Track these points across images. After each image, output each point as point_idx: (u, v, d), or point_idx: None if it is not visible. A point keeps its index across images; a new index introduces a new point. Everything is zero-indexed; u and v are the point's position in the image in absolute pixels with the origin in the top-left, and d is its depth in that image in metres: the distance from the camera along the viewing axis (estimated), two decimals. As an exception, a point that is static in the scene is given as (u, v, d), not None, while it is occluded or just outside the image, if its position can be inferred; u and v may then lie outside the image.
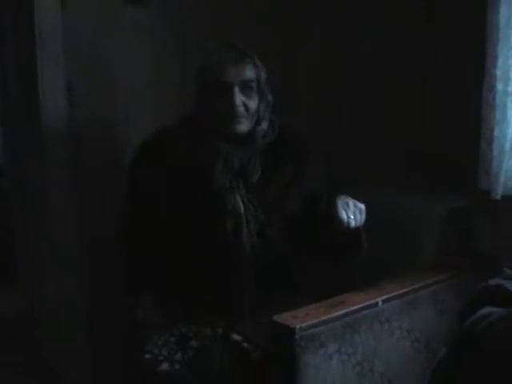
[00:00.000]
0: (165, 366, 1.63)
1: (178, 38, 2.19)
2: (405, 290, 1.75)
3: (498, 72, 1.85)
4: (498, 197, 1.91)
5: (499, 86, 1.86)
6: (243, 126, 1.74)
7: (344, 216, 1.63)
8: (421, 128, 2.23)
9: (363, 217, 1.66)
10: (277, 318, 1.56)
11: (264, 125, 1.78)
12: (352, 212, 1.64)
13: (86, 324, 2.11)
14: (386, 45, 2.28)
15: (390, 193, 2.11)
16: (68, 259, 2.07)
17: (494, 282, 1.28)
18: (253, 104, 1.74)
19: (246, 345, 1.70)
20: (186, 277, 1.76)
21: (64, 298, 2.09)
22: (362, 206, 1.66)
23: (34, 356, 2.31)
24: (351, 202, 1.66)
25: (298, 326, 1.50)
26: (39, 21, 1.95)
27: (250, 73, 1.73)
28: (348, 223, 1.64)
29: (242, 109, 1.72)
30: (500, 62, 1.85)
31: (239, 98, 1.71)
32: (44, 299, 2.24)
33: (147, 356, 1.65)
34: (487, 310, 1.18)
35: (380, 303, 1.67)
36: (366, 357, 1.66)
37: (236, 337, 1.71)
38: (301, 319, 1.54)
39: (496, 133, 1.89)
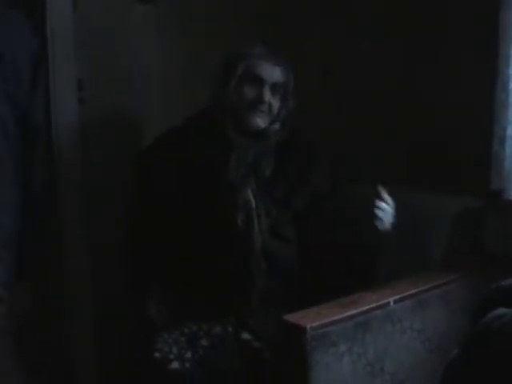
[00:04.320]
0: (175, 364, 1.64)
1: (187, 35, 2.20)
2: (416, 289, 1.74)
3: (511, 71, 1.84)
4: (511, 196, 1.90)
5: (513, 86, 1.85)
6: (261, 122, 1.78)
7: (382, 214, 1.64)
8: (429, 127, 2.22)
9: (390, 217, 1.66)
10: (288, 317, 1.56)
11: (278, 124, 1.83)
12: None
13: (92, 323, 2.11)
14: (386, 45, 2.28)
15: (401, 193, 2.10)
16: (76, 257, 2.07)
17: (506, 282, 1.28)
18: (276, 104, 1.80)
19: (256, 344, 1.70)
20: (195, 273, 1.77)
21: (71, 296, 2.09)
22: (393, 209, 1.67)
23: (41, 354, 2.31)
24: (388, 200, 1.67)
25: (308, 326, 1.50)
26: (51, 20, 1.96)
27: (281, 76, 1.80)
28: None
29: (266, 106, 1.77)
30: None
31: (268, 95, 1.77)
32: (51, 297, 2.24)
33: (157, 355, 1.66)
34: (500, 310, 1.18)
35: (392, 303, 1.67)
36: (377, 357, 1.65)
37: (246, 336, 1.71)
38: (312, 318, 1.53)
39: (509, 132, 1.88)
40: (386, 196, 1.65)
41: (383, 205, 1.64)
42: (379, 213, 1.63)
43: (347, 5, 2.38)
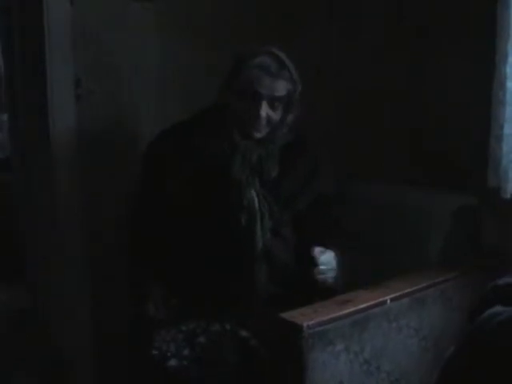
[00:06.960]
0: (173, 362, 1.64)
1: (186, 34, 2.19)
2: (413, 288, 1.74)
3: (509, 70, 1.84)
4: (508, 195, 1.90)
5: (510, 84, 1.85)
6: (259, 134, 1.76)
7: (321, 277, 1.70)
8: (427, 126, 2.22)
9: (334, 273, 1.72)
10: (284, 315, 1.56)
11: (284, 129, 1.80)
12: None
13: (91, 321, 2.11)
14: (387, 44, 2.28)
15: (398, 191, 2.11)
16: (74, 255, 2.07)
17: (503, 280, 1.28)
18: (276, 117, 1.76)
19: (253, 341, 1.70)
20: (196, 272, 1.76)
21: (70, 293, 2.09)
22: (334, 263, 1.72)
23: (40, 350, 2.32)
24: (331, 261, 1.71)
25: (305, 324, 1.50)
26: (48, 17, 1.96)
27: (282, 89, 1.73)
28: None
29: (264, 121, 1.73)
30: (511, 59, 1.84)
31: (265, 110, 1.72)
32: (50, 295, 2.25)
33: (155, 352, 1.66)
34: (497, 308, 1.19)
35: (388, 301, 1.67)
36: (374, 355, 1.66)
37: (244, 333, 1.71)
38: (309, 317, 1.54)
39: (506, 130, 1.88)
40: (323, 257, 1.68)
41: (321, 268, 1.68)
42: (320, 277, 1.68)
43: (348, 5, 2.39)
